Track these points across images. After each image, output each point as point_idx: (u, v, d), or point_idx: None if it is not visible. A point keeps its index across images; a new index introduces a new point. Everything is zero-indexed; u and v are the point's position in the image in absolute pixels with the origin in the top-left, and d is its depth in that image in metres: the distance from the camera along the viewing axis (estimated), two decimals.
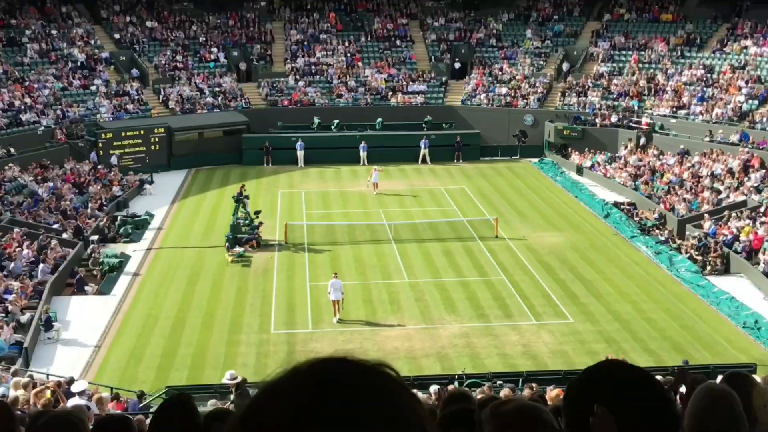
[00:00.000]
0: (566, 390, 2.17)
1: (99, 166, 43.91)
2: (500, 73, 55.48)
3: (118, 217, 37.78)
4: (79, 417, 5.09)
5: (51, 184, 39.34)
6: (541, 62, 55.87)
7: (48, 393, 16.32)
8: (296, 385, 1.14)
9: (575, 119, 50.39)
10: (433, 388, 17.35)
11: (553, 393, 15.01)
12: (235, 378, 17.03)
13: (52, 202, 37.40)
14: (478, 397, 9.71)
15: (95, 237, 34.86)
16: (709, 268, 32.08)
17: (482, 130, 51.54)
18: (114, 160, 45.12)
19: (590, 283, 30.55)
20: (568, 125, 50.14)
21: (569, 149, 49.34)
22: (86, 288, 30.01)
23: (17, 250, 30.89)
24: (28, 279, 28.97)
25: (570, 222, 38.28)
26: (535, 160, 50.49)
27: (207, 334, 26.26)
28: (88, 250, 33.17)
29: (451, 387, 17.64)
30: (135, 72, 52.97)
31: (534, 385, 18.61)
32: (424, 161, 49.24)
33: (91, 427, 4.60)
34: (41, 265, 29.96)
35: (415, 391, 16.33)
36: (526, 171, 48.49)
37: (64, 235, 33.88)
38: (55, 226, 34.81)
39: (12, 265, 29.65)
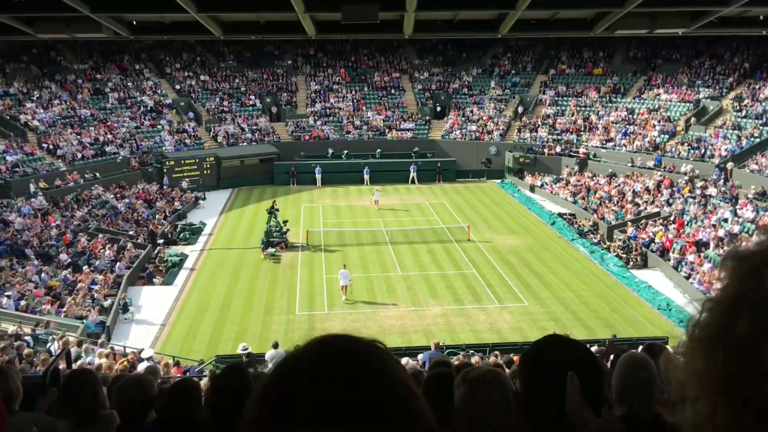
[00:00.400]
0: (521, 358, 2.16)
1: (165, 186, 43.86)
2: (471, 114, 55.54)
3: (179, 225, 37.72)
4: (148, 378, 5.09)
5: (127, 200, 39.31)
6: (502, 106, 55.94)
7: (125, 361, 16.27)
8: (310, 352, 1.18)
9: (528, 149, 50.43)
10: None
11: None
12: (246, 349, 17.14)
13: (129, 214, 37.36)
14: (455, 363, 9.70)
15: (161, 241, 34.85)
16: (631, 263, 32.09)
17: (457, 158, 51.56)
18: (184, 184, 44.96)
19: (541, 275, 30.52)
20: (523, 154, 50.17)
21: (524, 172, 49.36)
22: (154, 280, 29.95)
23: (101, 251, 30.85)
24: (109, 273, 28.93)
25: (525, 228, 38.26)
26: (498, 181, 50.48)
27: (247, 315, 26.21)
28: (156, 251, 33.12)
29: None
30: (191, 114, 52.99)
31: (497, 353, 18.57)
32: (413, 182, 49.24)
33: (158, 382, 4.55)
34: (119, 263, 29.92)
35: (406, 359, 16.23)
36: (492, 189, 48.51)
37: (138, 240, 33.82)
38: (131, 232, 34.76)
39: (97, 262, 29.63)
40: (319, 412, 1.09)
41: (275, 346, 17.45)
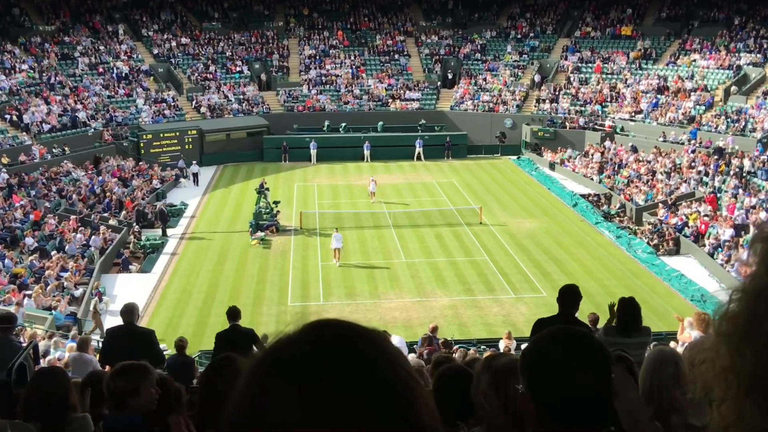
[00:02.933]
0: (521, 356, 2.13)
1: (141, 162, 43.88)
2: (484, 82, 55.34)
3: (158, 206, 37.78)
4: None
5: (101, 178, 39.32)
6: (519, 73, 55.71)
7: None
8: (305, 334, 1.20)
9: (548, 122, 50.31)
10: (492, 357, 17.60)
11: None
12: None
13: (104, 194, 37.39)
14: (465, 359, 9.74)
15: (137, 224, 34.90)
16: (662, 249, 32.12)
17: (468, 132, 51.47)
18: (194, 168, 44.40)
19: (561, 262, 30.57)
20: (542, 127, 50.05)
21: (543, 148, 49.29)
22: (130, 267, 30.08)
23: (72, 234, 30.93)
24: (81, 259, 29.03)
25: (544, 210, 38.27)
26: (514, 157, 50.42)
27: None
28: (131, 234, 33.20)
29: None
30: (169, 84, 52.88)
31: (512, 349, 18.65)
32: (419, 158, 49.21)
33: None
34: (93, 237, 30.05)
35: (412, 356, 16.36)
36: (506, 167, 48.46)
37: (111, 222, 33.88)
38: (105, 214, 34.81)
39: (67, 246, 29.72)
40: (312, 395, 1.11)
41: (264, 339, 17.56)
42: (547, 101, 52.06)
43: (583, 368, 1.96)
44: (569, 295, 7.32)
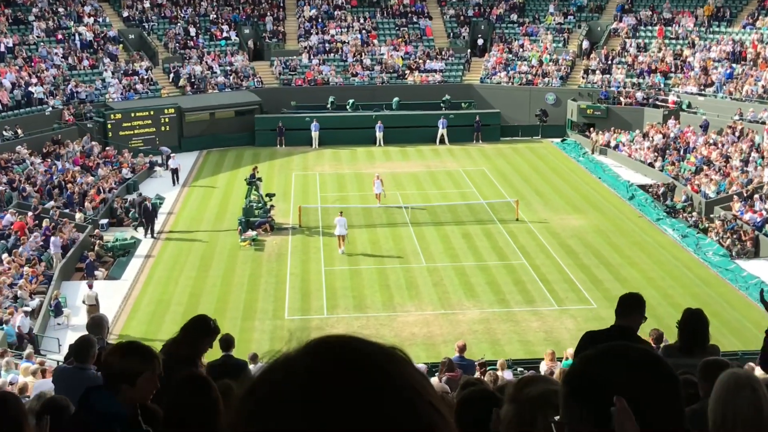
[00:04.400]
0: (563, 380, 2.11)
1: (108, 147, 44.09)
2: (521, 49, 55.18)
3: (128, 200, 37.95)
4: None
5: (60, 166, 39.51)
6: (564, 38, 55.50)
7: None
8: (308, 352, 1.21)
9: (599, 98, 50.10)
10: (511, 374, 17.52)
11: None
12: None
13: (64, 185, 37.58)
14: (496, 383, 9.72)
15: (104, 221, 35.09)
16: (737, 251, 31.91)
17: (502, 110, 51.36)
18: (173, 162, 44.97)
19: (614, 267, 30.46)
20: (591, 104, 49.86)
21: (592, 129, 49.10)
22: (96, 272, 30.22)
23: (27, 235, 31.09)
24: (38, 264, 29.19)
25: (593, 204, 38.15)
26: (557, 140, 50.27)
27: (220, 320, 26.24)
28: (96, 234, 33.38)
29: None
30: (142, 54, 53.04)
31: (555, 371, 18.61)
32: (442, 141, 49.15)
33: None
34: (53, 239, 30.21)
35: (434, 380, 16.37)
36: (548, 151, 48.32)
37: (75, 218, 34.02)
38: (66, 210, 34.99)
39: (21, 248, 29.87)
40: (313, 417, 1.13)
41: (254, 359, 17.58)
42: (598, 72, 51.82)
43: (649, 395, 1.96)
44: (627, 305, 7.21)
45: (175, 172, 42.15)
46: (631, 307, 7.16)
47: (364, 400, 1.16)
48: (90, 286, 26.73)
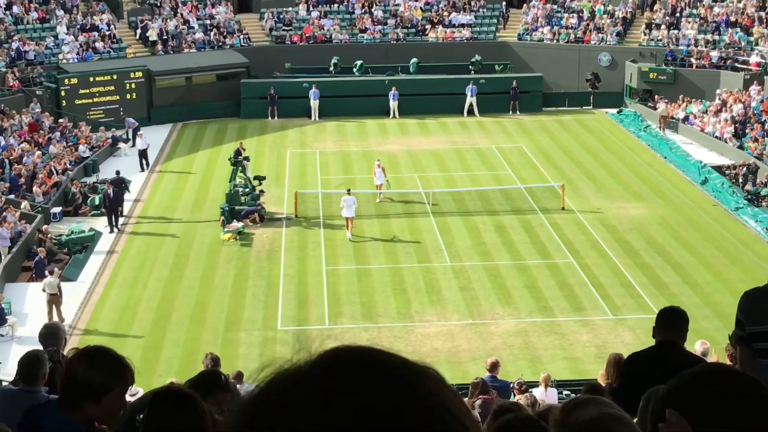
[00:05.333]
0: (644, 401, 2.14)
1: (62, 119, 44.13)
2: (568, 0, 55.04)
3: (87, 184, 38.00)
4: None
5: (3, 142, 39.59)
6: None
7: None
8: (319, 362, 1.21)
9: (665, 58, 49.88)
10: (538, 392, 17.54)
11: None
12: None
13: (8, 165, 37.66)
14: (536, 408, 9.74)
15: (57, 209, 35.13)
16: None
17: (545, 73, 51.20)
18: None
19: (683, 268, 30.37)
20: (655, 66, 49.65)
21: (656, 97, 48.91)
22: (47, 272, 30.25)
23: None
24: None
25: (657, 190, 38.03)
26: (613, 110, 50.10)
27: (197, 332, 26.47)
28: (45, 226, 33.38)
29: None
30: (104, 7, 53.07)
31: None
32: (470, 113, 49.07)
33: None
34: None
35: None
36: (601, 125, 48.16)
37: (20, 205, 34.04)
38: (11, 195, 34.99)
39: None
40: (320, 420, 1.16)
41: (238, 378, 17.61)
42: (663, 27, 51.58)
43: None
44: (666, 320, 7.58)
45: (143, 154, 41.58)
46: (671, 320, 7.62)
47: (389, 419, 1.17)
48: (51, 272, 27.18)
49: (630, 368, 7.01)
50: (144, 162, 41.54)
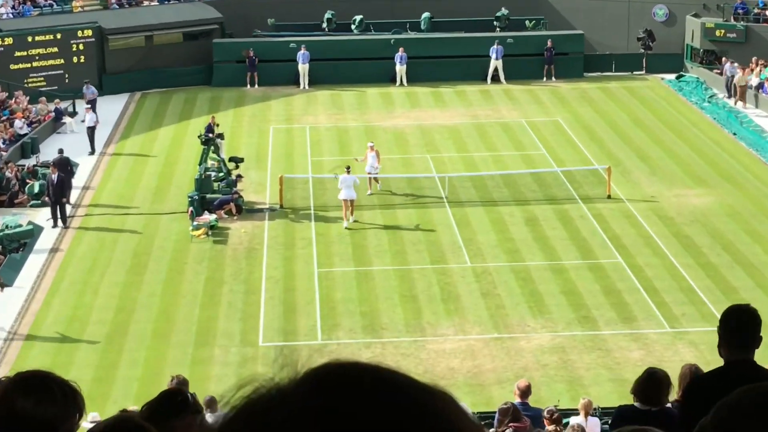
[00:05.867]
0: None
1: None
2: None
3: (25, 168, 37.98)
4: None
5: None
6: None
7: None
8: (306, 382, 1.21)
9: (735, 11, 49.74)
10: (576, 420, 17.53)
11: None
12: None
13: None
14: None
15: None
16: None
17: (586, 31, 51.11)
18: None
19: (756, 268, 30.30)
20: (722, 22, 49.52)
21: (724, 59, 48.84)
22: None
23: None
24: None
25: (724, 174, 37.95)
26: (671, 76, 50.01)
27: (161, 349, 26.44)
28: None
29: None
30: None
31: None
32: (495, 79, 49.03)
33: None
34: None
35: None
36: (656, 94, 48.04)
37: None
38: None
39: None
40: None
41: (210, 405, 17.65)
42: None
43: None
44: (735, 325, 7.14)
45: (91, 133, 41.43)
46: (745, 326, 7.09)
47: None
48: None
49: (692, 396, 6.80)
50: (92, 142, 41.38)
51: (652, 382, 10.00)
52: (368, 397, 1.21)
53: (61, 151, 36.90)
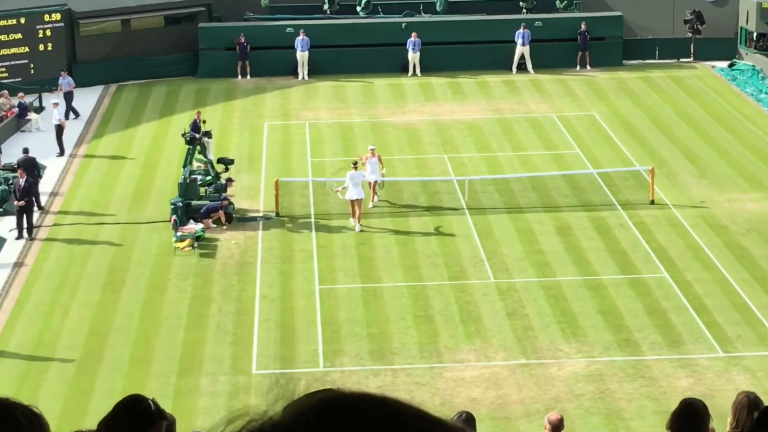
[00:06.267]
0: None
1: None
2: None
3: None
4: None
5: None
6: None
7: None
8: (303, 412, 1.21)
9: None
10: None
11: None
12: None
13: None
14: None
15: None
16: None
17: (626, 12, 51.12)
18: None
19: None
20: None
21: None
22: None
23: None
24: None
25: None
26: (723, 64, 50.00)
27: (140, 377, 26.43)
28: None
29: None
30: None
31: None
32: (521, 67, 49.09)
33: None
34: None
35: None
36: (706, 84, 48.01)
37: None
38: None
39: None
40: None
41: None
42: None
43: None
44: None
45: (59, 132, 41.37)
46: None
47: None
48: None
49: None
50: (61, 143, 41.35)
51: (688, 415, 9.96)
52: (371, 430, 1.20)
53: (26, 151, 36.82)
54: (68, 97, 43.60)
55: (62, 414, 25.16)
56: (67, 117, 43.46)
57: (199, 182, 35.13)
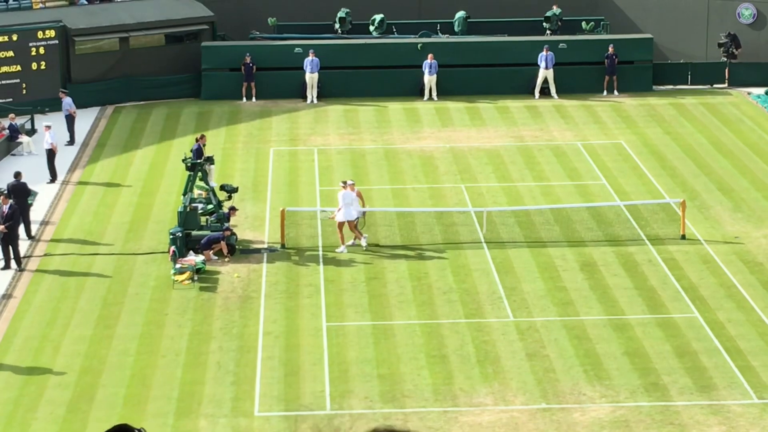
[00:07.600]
0: None
1: None
2: None
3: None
4: None
5: None
6: None
7: None
8: None
9: None
10: None
11: None
12: None
13: None
14: None
15: None
16: None
17: (656, 34, 51.18)
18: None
19: None
20: None
21: None
22: None
23: None
24: None
25: None
26: (760, 90, 49.98)
27: (136, 418, 26.38)
28: None
29: None
30: None
31: None
32: (544, 92, 49.11)
33: None
34: None
35: None
36: (741, 111, 48.01)
37: None
38: None
39: None
40: None
41: None
42: None
43: None
44: None
45: (50, 157, 41.38)
46: None
47: None
48: None
49: None
50: (52, 168, 41.41)
51: None
52: None
53: (17, 176, 36.81)
54: (69, 121, 43.66)
55: None
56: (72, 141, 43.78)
57: (200, 211, 35.16)
